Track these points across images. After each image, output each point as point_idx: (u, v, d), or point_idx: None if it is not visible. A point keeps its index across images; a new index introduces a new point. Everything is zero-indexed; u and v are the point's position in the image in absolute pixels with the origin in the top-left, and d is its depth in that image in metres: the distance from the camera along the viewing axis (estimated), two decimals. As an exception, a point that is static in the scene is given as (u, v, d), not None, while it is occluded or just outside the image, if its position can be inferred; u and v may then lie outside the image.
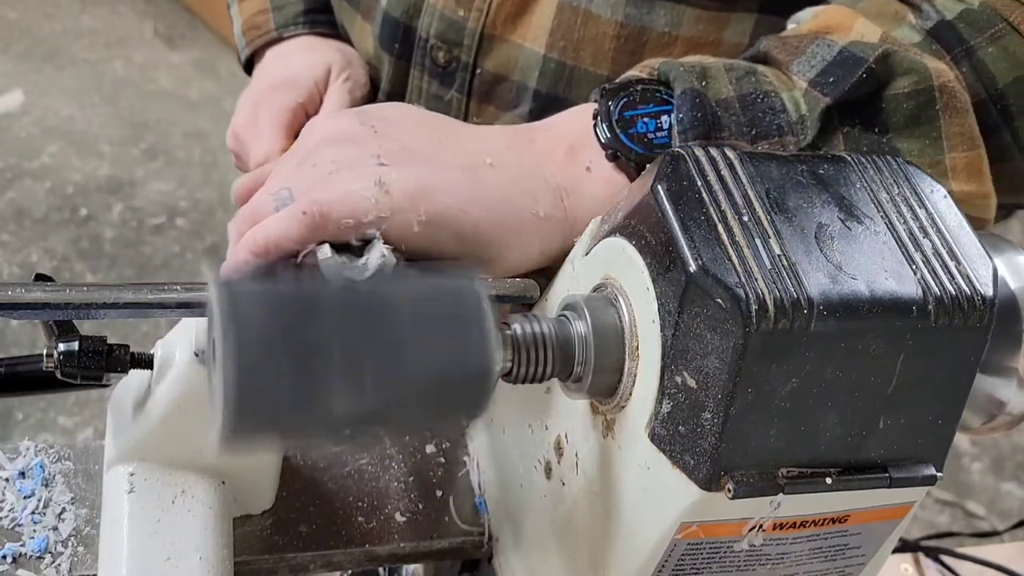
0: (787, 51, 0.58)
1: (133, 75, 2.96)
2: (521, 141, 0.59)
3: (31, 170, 2.58)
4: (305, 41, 0.86)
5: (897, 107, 0.56)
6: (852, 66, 0.55)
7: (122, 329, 2.08)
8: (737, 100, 0.56)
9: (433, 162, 0.55)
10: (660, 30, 0.69)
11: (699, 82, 0.56)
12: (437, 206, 0.53)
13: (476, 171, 0.55)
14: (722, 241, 0.43)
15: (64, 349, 0.52)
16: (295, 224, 0.51)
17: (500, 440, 0.65)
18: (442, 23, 0.74)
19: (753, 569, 0.49)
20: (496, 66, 0.73)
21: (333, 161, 0.54)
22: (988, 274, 0.45)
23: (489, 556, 0.66)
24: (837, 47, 0.56)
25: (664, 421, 0.45)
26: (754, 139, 0.55)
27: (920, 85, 0.55)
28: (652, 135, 0.57)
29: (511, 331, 0.47)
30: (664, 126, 0.57)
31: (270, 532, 0.63)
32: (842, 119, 0.55)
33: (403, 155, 0.55)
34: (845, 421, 0.44)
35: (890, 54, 0.55)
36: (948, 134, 0.56)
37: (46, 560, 0.59)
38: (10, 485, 0.62)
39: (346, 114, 0.59)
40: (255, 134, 0.79)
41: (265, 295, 0.40)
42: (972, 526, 2.11)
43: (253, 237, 0.53)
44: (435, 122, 0.60)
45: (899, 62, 0.56)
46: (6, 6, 3.11)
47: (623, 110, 0.57)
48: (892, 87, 0.56)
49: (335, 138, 0.56)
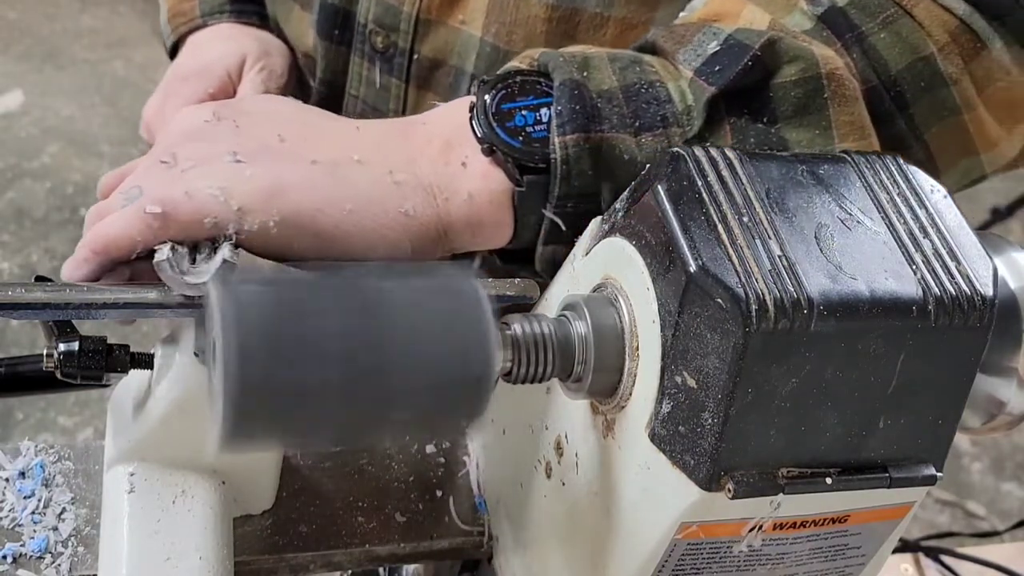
0: (674, 40, 0.57)
1: (133, 75, 2.96)
2: (393, 137, 0.57)
3: (31, 170, 2.58)
4: (224, 29, 0.84)
5: (785, 96, 0.54)
6: (738, 54, 0.53)
7: (122, 329, 2.08)
8: (620, 91, 0.54)
9: (293, 159, 0.53)
10: (591, 11, 0.67)
11: (579, 72, 0.55)
12: (292, 206, 0.51)
13: (339, 169, 0.54)
14: (722, 241, 0.43)
15: (64, 349, 0.52)
16: (136, 223, 0.50)
17: (500, 440, 0.65)
18: (379, 7, 0.73)
19: (753, 569, 0.49)
20: (433, 51, 0.72)
21: (187, 158, 0.53)
22: (988, 274, 0.45)
23: (489, 556, 0.66)
24: (723, 35, 0.55)
25: (664, 421, 0.45)
26: (638, 131, 0.54)
27: (807, 73, 0.54)
28: (531, 128, 0.55)
29: (511, 331, 0.47)
30: (543, 119, 0.55)
31: (270, 532, 0.63)
32: (729, 109, 0.54)
33: (261, 152, 0.53)
34: (845, 421, 0.44)
35: (776, 41, 0.54)
36: (837, 123, 0.54)
37: (46, 560, 0.59)
38: (10, 485, 0.62)
39: (207, 108, 0.57)
40: (161, 124, 0.77)
41: (265, 295, 0.40)
42: (972, 526, 2.11)
43: (96, 234, 0.52)
44: (305, 116, 0.58)
45: (785, 49, 0.54)
46: (6, 6, 3.11)
47: (501, 102, 0.56)
48: (779, 75, 0.54)
49: (193, 133, 0.55)
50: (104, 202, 0.55)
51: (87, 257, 0.52)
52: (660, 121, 0.54)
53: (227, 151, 0.53)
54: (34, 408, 2.04)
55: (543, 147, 0.54)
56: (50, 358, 0.52)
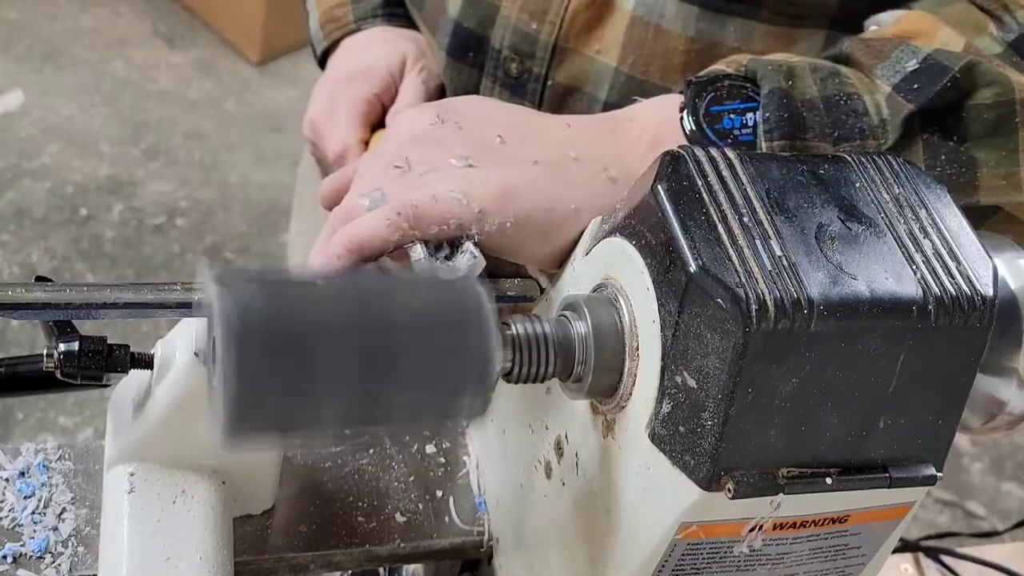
0: (871, 54, 0.59)
1: (133, 75, 2.96)
2: (604, 133, 0.59)
3: (31, 170, 2.58)
4: (379, 32, 0.86)
5: (978, 117, 0.56)
6: (937, 74, 0.56)
7: (122, 329, 2.08)
8: (821, 101, 0.56)
9: (518, 161, 0.56)
10: (730, 45, 0.69)
11: (785, 81, 0.56)
12: (524, 206, 0.54)
13: (560, 167, 0.56)
14: (722, 241, 0.43)
15: (64, 349, 0.52)
16: (389, 224, 0.53)
17: (500, 440, 0.65)
18: (515, 35, 0.74)
19: (753, 569, 0.49)
20: (568, 78, 0.74)
21: (421, 162, 0.56)
22: (988, 274, 0.45)
23: (489, 556, 0.66)
24: (922, 54, 0.57)
25: (664, 421, 0.45)
26: (836, 140, 0.56)
27: (1002, 97, 0.56)
28: (737, 132, 0.57)
29: (511, 331, 0.47)
30: (749, 123, 0.57)
31: (270, 532, 0.63)
32: (923, 126, 0.56)
33: (489, 154, 0.56)
34: (845, 421, 0.44)
35: (975, 65, 0.56)
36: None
37: (46, 560, 0.59)
38: (10, 485, 0.62)
39: (429, 110, 0.59)
40: (331, 124, 0.79)
41: (265, 295, 0.40)
42: (972, 526, 2.11)
43: (348, 234, 0.54)
44: (517, 115, 0.60)
45: (983, 73, 0.56)
46: (6, 6, 3.11)
47: (710, 104, 0.58)
48: (975, 97, 0.56)
49: (421, 137, 0.57)
50: (348, 203, 0.58)
51: (341, 255, 0.54)
52: (858, 133, 0.56)
53: (458, 155, 0.55)
54: (34, 408, 2.04)
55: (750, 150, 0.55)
56: (50, 358, 0.52)
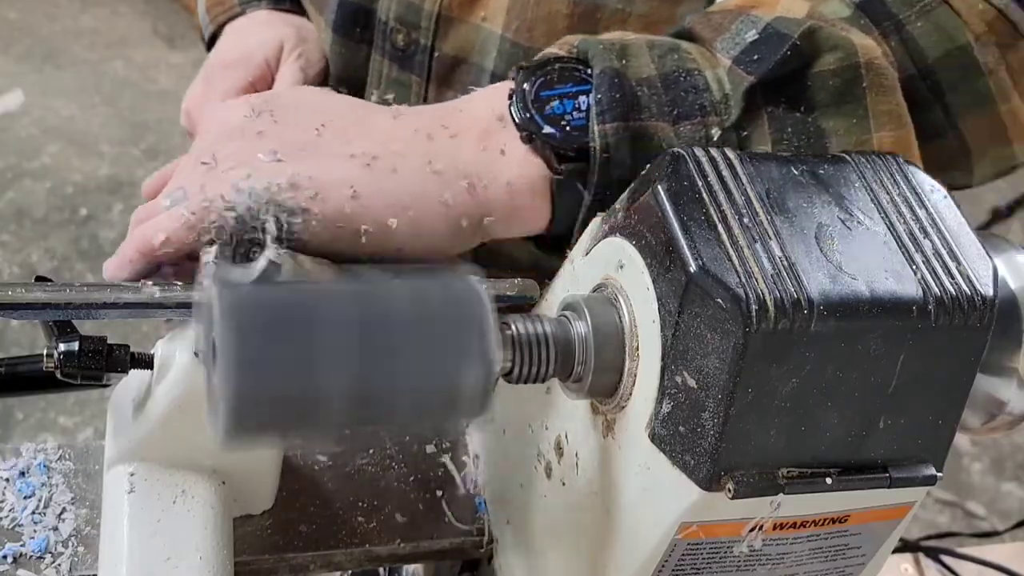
0: (711, 28, 0.57)
1: (133, 75, 2.96)
2: (432, 125, 0.57)
3: (31, 170, 2.58)
4: (263, 15, 0.84)
5: (823, 85, 0.54)
6: (776, 43, 0.54)
7: (122, 329, 2.08)
8: (659, 79, 0.54)
9: (333, 155, 0.54)
10: (613, 7, 0.67)
11: (619, 60, 0.55)
12: (336, 204, 0.52)
13: (379, 163, 0.54)
14: (722, 241, 0.43)
15: (64, 349, 0.52)
16: (182, 224, 0.51)
17: (500, 440, 0.65)
18: (401, 5, 0.73)
19: (753, 569, 0.49)
20: (454, 48, 0.72)
21: (227, 157, 0.53)
22: (988, 274, 0.45)
23: (489, 556, 0.66)
24: (762, 23, 0.55)
25: (664, 421, 0.45)
26: (676, 119, 0.54)
27: (846, 62, 0.54)
28: (569, 116, 0.55)
29: (511, 331, 0.47)
30: (582, 107, 0.55)
31: (270, 532, 0.63)
32: (766, 98, 0.54)
33: (301, 149, 0.53)
34: (845, 421, 0.44)
35: (815, 30, 0.54)
36: (875, 112, 0.54)
37: (46, 560, 0.59)
38: (10, 485, 0.62)
39: (245, 102, 0.57)
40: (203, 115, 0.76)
41: (265, 296, 0.40)
42: (972, 526, 2.11)
43: (141, 234, 0.52)
44: (341, 107, 0.58)
45: (825, 38, 0.54)
46: (6, 6, 3.11)
47: (540, 90, 0.56)
48: (817, 64, 0.54)
49: (231, 131, 0.55)
50: (150, 203, 0.56)
51: (133, 258, 0.52)
52: (698, 110, 0.54)
53: (267, 149, 0.53)
54: (34, 408, 2.04)
55: (582, 135, 0.54)
56: (50, 358, 0.52)
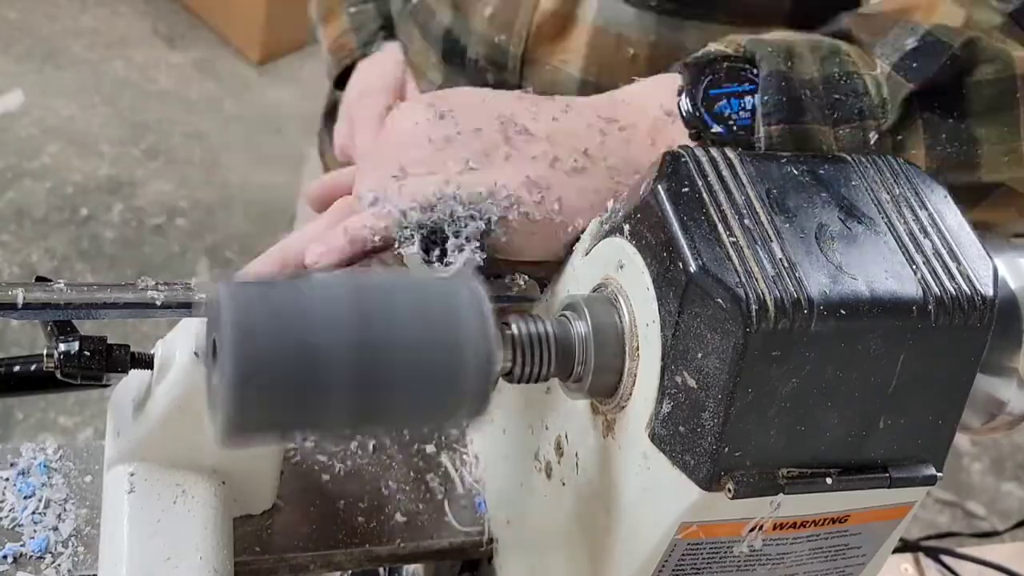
0: (869, 31, 0.58)
1: (133, 75, 2.96)
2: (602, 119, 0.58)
3: (31, 170, 2.58)
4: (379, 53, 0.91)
5: (978, 94, 0.56)
6: (936, 52, 0.55)
7: (122, 329, 2.07)
8: (821, 81, 0.56)
9: (518, 160, 0.56)
10: (690, 49, 0.68)
11: (785, 63, 0.56)
12: (525, 209, 0.54)
13: (561, 163, 0.56)
14: (722, 241, 0.43)
15: (64, 349, 0.52)
16: (393, 222, 0.54)
17: (500, 440, 0.65)
18: (486, 47, 0.76)
19: (753, 569, 0.49)
20: (540, 87, 0.74)
21: (419, 162, 0.56)
22: (988, 274, 0.45)
23: (489, 556, 0.66)
24: (920, 31, 0.57)
25: (664, 421, 0.45)
26: (836, 123, 0.55)
27: (1003, 73, 0.56)
28: (735, 116, 0.57)
29: (511, 331, 0.47)
30: (747, 107, 0.57)
31: (270, 532, 0.63)
32: (923, 104, 0.56)
33: (488, 153, 0.56)
34: (845, 421, 0.44)
35: (974, 41, 0.56)
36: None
37: (46, 560, 0.59)
38: (10, 485, 0.62)
39: (423, 105, 0.59)
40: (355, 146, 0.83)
41: (265, 296, 0.40)
42: (972, 526, 2.11)
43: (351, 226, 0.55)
44: (510, 102, 0.59)
45: (983, 49, 0.56)
46: (6, 6, 3.11)
47: (708, 88, 0.57)
48: (975, 74, 0.56)
49: (418, 135, 0.57)
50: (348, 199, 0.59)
51: (343, 247, 0.55)
52: (857, 114, 0.55)
53: (458, 157, 0.55)
54: (34, 408, 2.04)
55: (747, 135, 0.56)
56: (50, 358, 0.52)
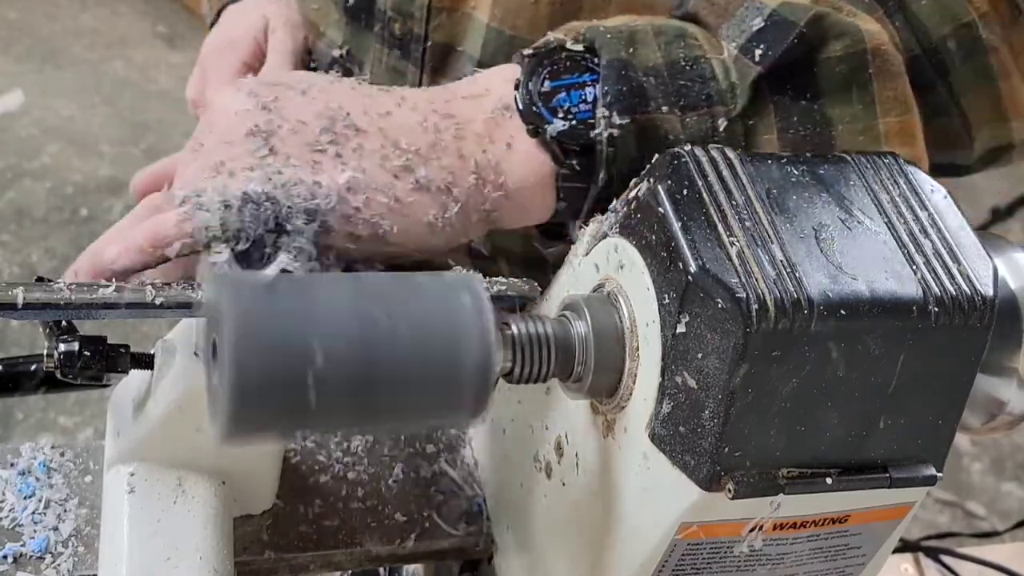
0: (715, 12, 0.56)
1: (133, 75, 2.96)
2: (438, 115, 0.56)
3: (31, 170, 2.58)
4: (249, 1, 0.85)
5: (829, 72, 0.54)
6: (783, 31, 0.53)
7: (122, 329, 2.08)
8: (665, 67, 0.54)
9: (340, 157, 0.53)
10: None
11: (626, 49, 0.54)
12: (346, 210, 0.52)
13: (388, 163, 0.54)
14: (722, 241, 0.43)
15: (64, 349, 0.52)
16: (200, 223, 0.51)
17: (500, 440, 0.65)
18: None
19: (753, 569, 0.49)
20: (445, 36, 0.72)
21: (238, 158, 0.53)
22: (988, 274, 0.45)
23: (489, 556, 0.66)
24: (767, 10, 0.54)
25: (664, 421, 0.45)
26: (683, 109, 0.53)
27: (852, 49, 0.54)
28: (576, 108, 0.55)
29: (511, 331, 0.47)
30: (588, 98, 0.55)
31: (270, 532, 0.63)
32: (772, 87, 0.54)
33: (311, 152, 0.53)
34: (845, 421, 0.44)
35: (821, 16, 0.54)
36: (881, 99, 0.54)
37: (46, 560, 0.59)
38: (10, 485, 0.62)
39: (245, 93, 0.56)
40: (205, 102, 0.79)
41: (267, 296, 0.40)
42: (972, 526, 2.11)
43: (157, 226, 0.52)
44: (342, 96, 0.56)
45: (831, 25, 0.54)
46: (6, 6, 3.11)
47: (545, 80, 0.55)
48: (824, 51, 0.54)
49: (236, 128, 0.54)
50: (160, 195, 0.56)
51: (143, 248, 0.52)
52: (705, 100, 0.54)
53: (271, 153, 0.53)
54: (34, 408, 2.04)
55: (588, 128, 0.54)
56: (50, 358, 0.52)
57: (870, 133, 0.54)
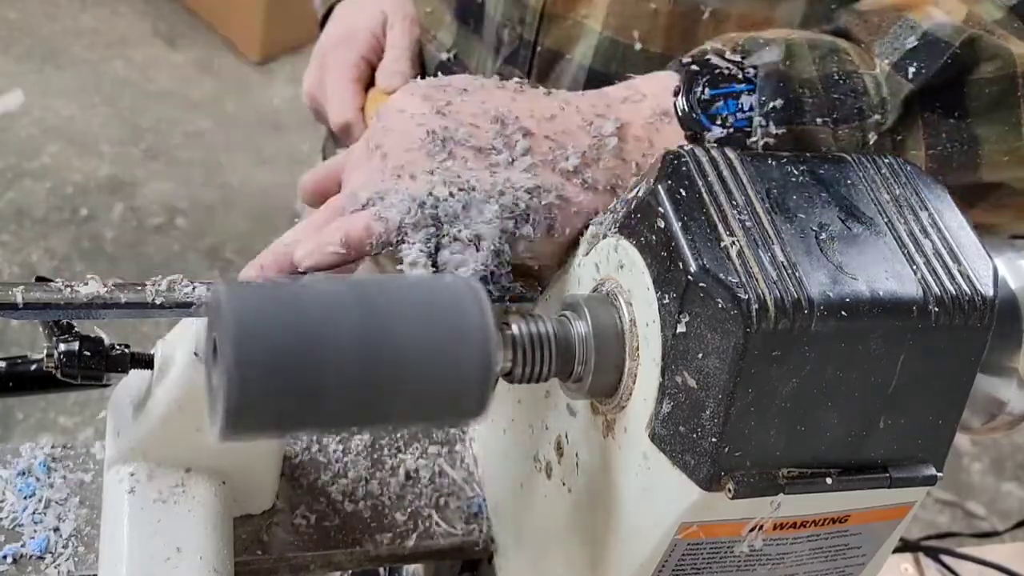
0: (868, 29, 0.58)
1: (133, 75, 2.96)
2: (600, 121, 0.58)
3: (31, 170, 2.58)
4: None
5: (979, 93, 0.55)
6: (936, 51, 0.55)
7: (122, 329, 2.08)
8: (820, 80, 0.55)
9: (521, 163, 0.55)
10: (713, 7, 0.68)
11: (783, 62, 0.56)
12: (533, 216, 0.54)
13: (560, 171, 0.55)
14: (722, 241, 0.43)
15: (64, 349, 0.52)
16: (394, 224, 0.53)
17: (500, 440, 0.65)
18: (507, 4, 0.75)
19: (753, 569, 0.49)
20: (555, 43, 0.74)
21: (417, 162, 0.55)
22: (988, 274, 0.45)
23: (489, 556, 0.66)
24: (920, 29, 0.56)
25: (664, 421, 0.45)
26: (836, 122, 0.55)
27: (1004, 71, 0.55)
28: (732, 117, 0.56)
29: (511, 331, 0.47)
30: (745, 107, 0.56)
31: (270, 532, 0.63)
32: (923, 104, 0.55)
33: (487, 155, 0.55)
34: (845, 421, 0.44)
35: (975, 39, 0.55)
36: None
37: (46, 560, 0.59)
38: (10, 485, 0.62)
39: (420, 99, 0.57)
40: (325, 94, 0.81)
41: (267, 296, 0.40)
42: (972, 526, 2.11)
43: (344, 227, 0.54)
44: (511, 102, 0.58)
45: (984, 47, 0.55)
46: (6, 6, 3.11)
47: (705, 87, 0.56)
48: (976, 72, 0.55)
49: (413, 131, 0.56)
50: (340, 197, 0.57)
51: (337, 250, 0.53)
52: (856, 113, 0.55)
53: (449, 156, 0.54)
54: (34, 408, 2.04)
55: (745, 136, 0.55)
56: (50, 358, 0.52)
57: (1014, 154, 0.55)
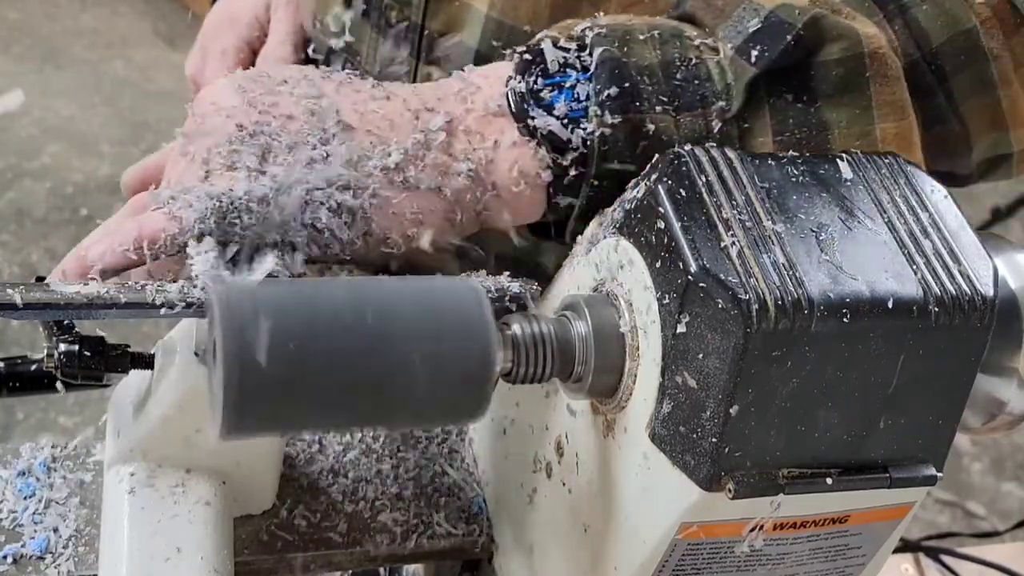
0: (712, 13, 0.56)
1: (133, 75, 2.96)
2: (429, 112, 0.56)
3: (31, 170, 2.58)
4: None
5: (826, 75, 0.53)
6: (780, 33, 0.53)
7: (122, 329, 2.08)
8: (660, 67, 0.53)
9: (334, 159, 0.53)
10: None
11: (620, 48, 0.54)
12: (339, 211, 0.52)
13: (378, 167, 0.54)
14: (723, 241, 0.43)
15: (64, 349, 0.52)
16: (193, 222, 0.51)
17: (500, 440, 0.65)
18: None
19: (753, 569, 0.49)
20: (442, 24, 0.71)
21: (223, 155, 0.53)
22: (988, 274, 0.45)
23: (489, 556, 0.66)
24: (764, 11, 0.54)
25: (664, 421, 0.45)
26: (677, 110, 0.53)
27: (849, 52, 0.53)
28: (567, 106, 0.54)
29: (511, 331, 0.47)
30: (581, 97, 0.54)
31: (270, 532, 0.63)
32: (769, 89, 0.53)
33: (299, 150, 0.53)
34: (845, 421, 0.44)
35: (819, 19, 0.53)
36: (878, 103, 0.53)
37: (46, 560, 0.59)
38: (10, 485, 0.62)
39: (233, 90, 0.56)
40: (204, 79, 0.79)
41: (265, 296, 0.40)
42: (972, 526, 2.11)
43: (146, 225, 0.52)
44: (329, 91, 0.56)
45: (828, 27, 0.53)
46: (6, 6, 3.11)
47: (539, 77, 0.55)
48: (821, 54, 0.53)
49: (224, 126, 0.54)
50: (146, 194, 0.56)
51: (131, 248, 0.52)
52: (699, 100, 0.53)
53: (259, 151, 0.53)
54: (34, 408, 2.04)
55: (580, 127, 0.54)
56: (50, 358, 0.52)
57: (866, 138, 0.53)
